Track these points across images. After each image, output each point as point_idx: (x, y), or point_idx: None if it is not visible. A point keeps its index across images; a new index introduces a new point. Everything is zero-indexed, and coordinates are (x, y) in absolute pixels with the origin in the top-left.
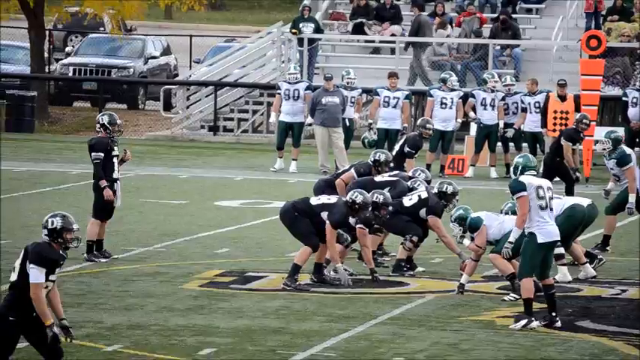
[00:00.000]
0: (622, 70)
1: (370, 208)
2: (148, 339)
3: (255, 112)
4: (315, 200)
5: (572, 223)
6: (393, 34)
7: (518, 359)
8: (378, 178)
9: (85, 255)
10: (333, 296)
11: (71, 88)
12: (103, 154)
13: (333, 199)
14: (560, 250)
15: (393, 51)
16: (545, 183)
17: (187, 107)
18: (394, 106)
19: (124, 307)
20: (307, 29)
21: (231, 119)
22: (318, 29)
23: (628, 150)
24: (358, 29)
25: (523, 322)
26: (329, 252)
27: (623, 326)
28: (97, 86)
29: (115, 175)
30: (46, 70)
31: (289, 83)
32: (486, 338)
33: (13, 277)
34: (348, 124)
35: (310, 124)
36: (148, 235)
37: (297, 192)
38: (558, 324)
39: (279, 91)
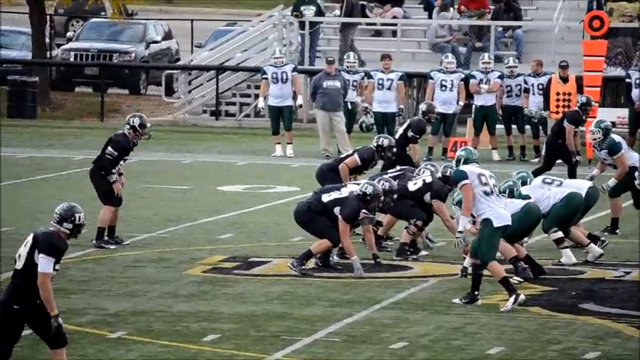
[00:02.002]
0: (624, 50)
1: (382, 198)
2: (151, 325)
3: (257, 96)
4: (326, 197)
5: (571, 210)
6: (394, 17)
7: (521, 342)
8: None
9: (94, 241)
10: (336, 281)
11: (73, 74)
12: (117, 154)
13: (344, 192)
14: (559, 234)
15: (394, 33)
16: (487, 172)
17: (189, 92)
18: (388, 88)
19: (127, 294)
20: (309, 12)
21: (233, 104)
22: (319, 12)
23: (617, 138)
24: (360, 12)
25: (511, 300)
26: (344, 246)
27: (626, 308)
28: (98, 71)
29: (113, 170)
30: (48, 55)
31: (275, 67)
32: (490, 322)
33: (19, 265)
34: (349, 107)
35: (301, 105)
36: (150, 220)
37: (300, 176)
38: (479, 302)
39: (265, 76)
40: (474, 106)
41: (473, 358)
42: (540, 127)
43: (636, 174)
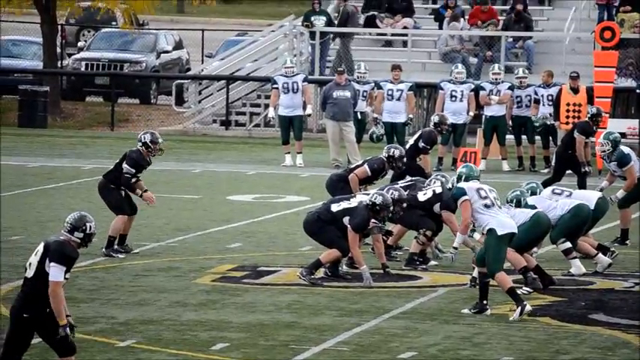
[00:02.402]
0: (635, 61)
1: (391, 208)
2: (160, 334)
3: (267, 106)
4: (335, 207)
5: (578, 222)
6: (405, 27)
7: (530, 352)
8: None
9: (104, 250)
10: (345, 290)
11: (83, 83)
12: (134, 171)
13: (353, 202)
14: (567, 244)
15: (405, 44)
16: (486, 186)
17: (199, 102)
18: (398, 99)
19: (136, 302)
20: (319, 22)
21: (244, 113)
22: (329, 22)
23: (626, 150)
24: (370, 22)
25: (518, 310)
26: (353, 255)
27: (636, 319)
28: (109, 81)
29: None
30: (59, 64)
31: (286, 77)
32: (499, 332)
33: (29, 273)
34: (359, 117)
35: (309, 115)
36: (160, 229)
37: (310, 186)
38: (488, 312)
39: (275, 86)
40: (483, 117)
41: None
42: (550, 138)
43: None
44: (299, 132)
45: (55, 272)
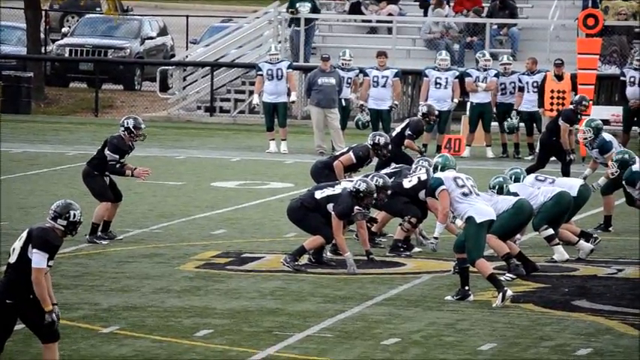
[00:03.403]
0: (619, 48)
1: (375, 195)
2: (144, 320)
3: (251, 92)
4: (319, 194)
5: (560, 209)
6: (390, 14)
7: (514, 339)
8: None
9: (87, 236)
10: (329, 277)
11: (67, 69)
12: (118, 157)
13: (337, 189)
14: (550, 231)
15: (390, 30)
16: (462, 175)
17: (184, 88)
18: (383, 86)
19: (120, 289)
20: (304, 9)
21: (228, 100)
22: (314, 9)
23: (608, 137)
24: (355, 9)
25: (500, 297)
26: (337, 242)
27: (619, 305)
28: (93, 67)
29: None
30: (42, 50)
31: (271, 63)
32: (482, 318)
33: (12, 259)
34: (344, 104)
35: (293, 102)
36: (144, 216)
37: (294, 173)
38: (471, 298)
39: (260, 72)
40: (469, 104)
41: (465, 355)
42: (534, 125)
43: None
44: (283, 119)
45: (38, 259)
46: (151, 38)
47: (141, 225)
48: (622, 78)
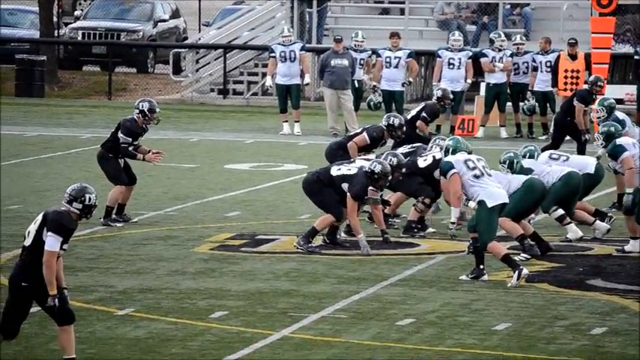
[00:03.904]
0: (633, 27)
1: (390, 177)
2: (159, 302)
3: (264, 74)
4: (335, 171)
5: (569, 190)
6: None
7: (528, 318)
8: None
9: (102, 219)
10: (343, 258)
11: (80, 52)
12: (131, 140)
13: (353, 169)
14: (560, 211)
15: (402, 11)
16: (473, 156)
17: (197, 70)
18: (396, 67)
19: (135, 271)
20: None
21: (241, 82)
22: None
23: (621, 115)
24: None
25: (515, 275)
26: (351, 223)
27: (633, 284)
28: (106, 50)
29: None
30: (55, 34)
31: (284, 45)
32: (497, 298)
33: (27, 241)
34: (357, 85)
35: (308, 84)
36: (158, 198)
37: (308, 154)
38: (485, 277)
39: (273, 54)
40: (485, 84)
41: (480, 334)
42: (548, 105)
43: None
44: (296, 100)
45: (51, 242)
46: (164, 21)
47: (155, 207)
48: (636, 57)
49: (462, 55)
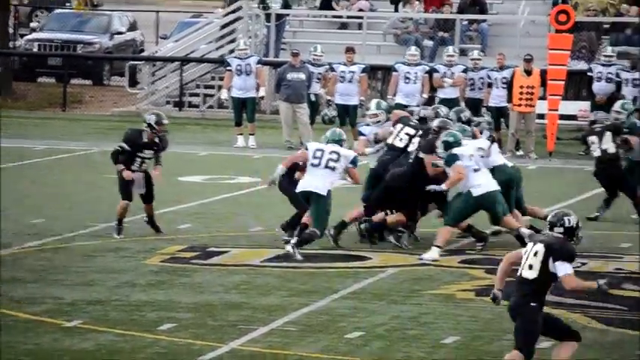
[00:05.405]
0: (588, 44)
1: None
2: (108, 314)
3: (220, 87)
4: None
5: (467, 207)
6: (360, 10)
7: (477, 332)
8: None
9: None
10: (294, 271)
11: (36, 64)
12: (126, 146)
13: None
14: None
15: (360, 26)
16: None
17: (152, 83)
18: (350, 81)
19: (85, 283)
20: (275, 4)
21: (197, 95)
22: (286, 4)
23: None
24: (326, 4)
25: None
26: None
27: (580, 299)
28: (62, 62)
29: (133, 167)
30: (11, 45)
31: (240, 59)
32: (446, 311)
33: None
34: (313, 99)
35: (262, 97)
36: (110, 210)
37: (262, 167)
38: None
39: (229, 68)
40: (437, 99)
41: (428, 347)
42: (502, 120)
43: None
44: (252, 114)
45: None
46: (121, 33)
47: (107, 219)
48: (589, 73)
49: (418, 70)
